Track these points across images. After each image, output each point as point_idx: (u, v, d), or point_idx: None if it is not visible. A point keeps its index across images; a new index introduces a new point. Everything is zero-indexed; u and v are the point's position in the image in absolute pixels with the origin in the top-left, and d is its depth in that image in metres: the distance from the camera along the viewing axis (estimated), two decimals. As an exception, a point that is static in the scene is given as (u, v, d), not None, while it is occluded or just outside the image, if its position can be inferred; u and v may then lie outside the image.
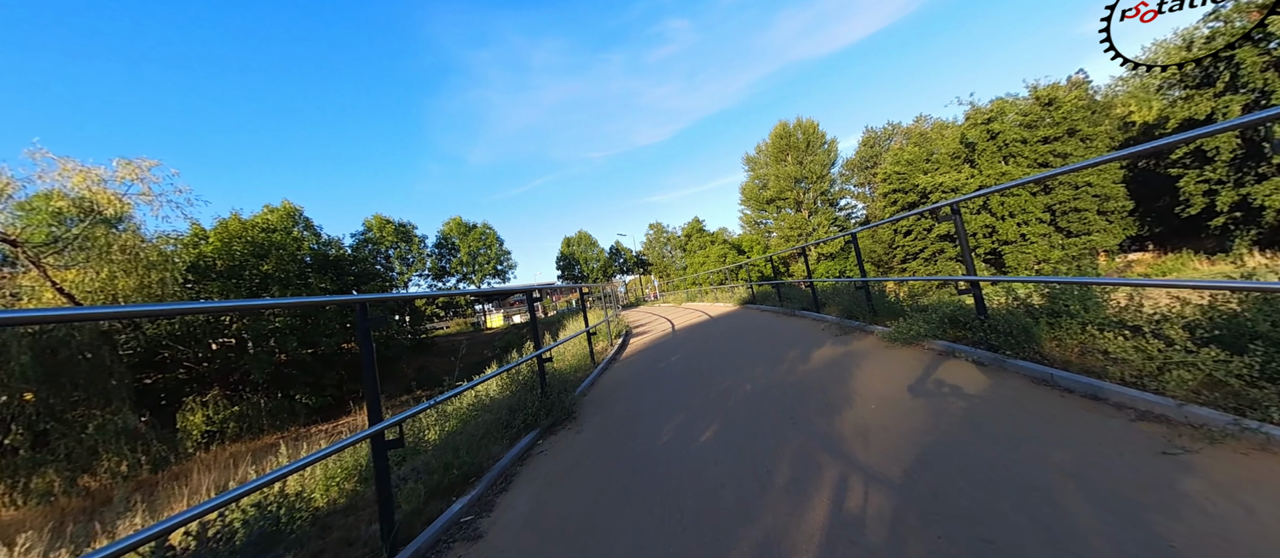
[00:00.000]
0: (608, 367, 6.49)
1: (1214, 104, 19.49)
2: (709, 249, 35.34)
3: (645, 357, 6.80)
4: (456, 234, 33.76)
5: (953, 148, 31.80)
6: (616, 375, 5.81)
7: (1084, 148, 26.57)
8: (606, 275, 46.49)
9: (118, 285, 15.41)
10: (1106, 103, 30.36)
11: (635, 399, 4.34)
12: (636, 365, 6.22)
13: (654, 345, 7.84)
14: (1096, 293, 3.21)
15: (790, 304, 8.73)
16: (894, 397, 3.12)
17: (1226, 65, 19.22)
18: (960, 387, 3.07)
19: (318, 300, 2.42)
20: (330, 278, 20.40)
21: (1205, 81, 20.98)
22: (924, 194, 31.50)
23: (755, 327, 7.61)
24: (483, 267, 33.90)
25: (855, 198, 43.38)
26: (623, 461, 2.94)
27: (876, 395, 3.20)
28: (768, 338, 6.26)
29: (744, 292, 12.98)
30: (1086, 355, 2.92)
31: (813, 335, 5.81)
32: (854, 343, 4.94)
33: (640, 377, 5.41)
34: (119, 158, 16.10)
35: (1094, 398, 2.51)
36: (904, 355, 4.03)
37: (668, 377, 5.10)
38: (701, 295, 18.14)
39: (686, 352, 6.47)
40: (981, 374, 3.20)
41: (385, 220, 28.60)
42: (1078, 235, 26.43)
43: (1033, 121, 27.83)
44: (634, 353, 7.52)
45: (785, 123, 40.15)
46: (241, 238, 20.02)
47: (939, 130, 39.07)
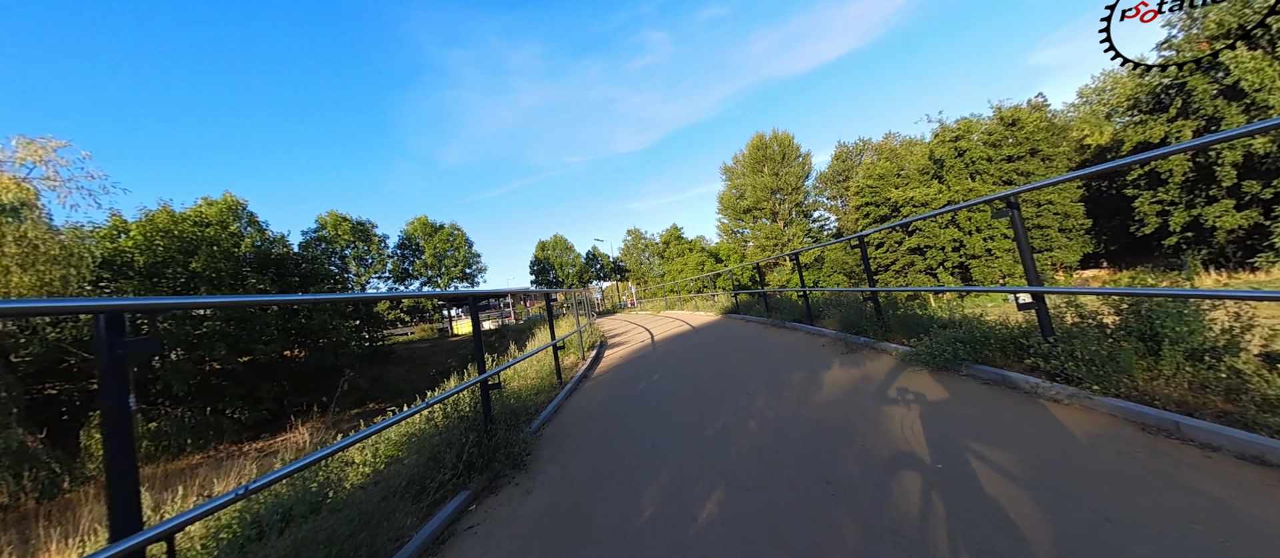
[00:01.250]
0: (577, 387, 5.52)
1: (1167, 128, 20.41)
2: (687, 257, 34.80)
3: (621, 375, 5.87)
4: (421, 234, 31.81)
5: (922, 164, 32.56)
6: (586, 400, 4.85)
7: (1045, 167, 27.57)
8: (582, 281, 45.28)
9: (10, 283, 13.27)
10: (1064, 126, 31.79)
11: (607, 441, 3.39)
12: (610, 387, 5.28)
13: (631, 360, 6.92)
14: (1173, 309, 2.53)
15: (779, 315, 8.00)
16: (956, 450, 2.32)
17: (1179, 92, 20.19)
18: (1055, 436, 2.30)
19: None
20: (270, 278, 18.45)
21: (1158, 108, 22.04)
22: (896, 208, 32.01)
23: (743, 340, 6.81)
24: (449, 269, 32.05)
25: (828, 210, 44.02)
26: (587, 554, 2.00)
27: (936, 447, 2.39)
28: (761, 354, 5.45)
29: (726, 300, 12.25)
30: (1200, 393, 2.21)
31: (813, 353, 5.04)
32: (867, 364, 4.17)
33: (614, 404, 4.47)
34: (19, 136, 14.01)
35: (1260, 463, 1.77)
36: (942, 386, 3.26)
37: (648, 406, 4.18)
38: (680, 303, 17.35)
39: (669, 369, 5.58)
40: (1075, 418, 2.44)
41: (341, 218, 26.53)
42: (1041, 251, 27.29)
43: (997, 140, 28.73)
44: (608, 369, 6.57)
45: (762, 134, 40.42)
46: (168, 232, 17.88)
47: (908, 147, 40.18)
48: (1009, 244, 28.40)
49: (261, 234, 23.53)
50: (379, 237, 28.43)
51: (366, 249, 27.79)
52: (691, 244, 40.88)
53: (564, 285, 42.09)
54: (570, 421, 4.14)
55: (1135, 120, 23.44)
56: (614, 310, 30.85)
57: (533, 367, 6.49)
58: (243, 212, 24.10)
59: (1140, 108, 23.38)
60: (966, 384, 3.18)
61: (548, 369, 5.77)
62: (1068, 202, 26.71)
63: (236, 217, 24.13)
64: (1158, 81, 21.78)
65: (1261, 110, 17.04)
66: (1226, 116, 18.22)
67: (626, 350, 8.08)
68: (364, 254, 27.74)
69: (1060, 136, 29.85)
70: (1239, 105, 18.01)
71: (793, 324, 7.19)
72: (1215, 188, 19.20)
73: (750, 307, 10.27)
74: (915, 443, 2.46)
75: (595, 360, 7.45)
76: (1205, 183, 19.74)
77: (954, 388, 3.16)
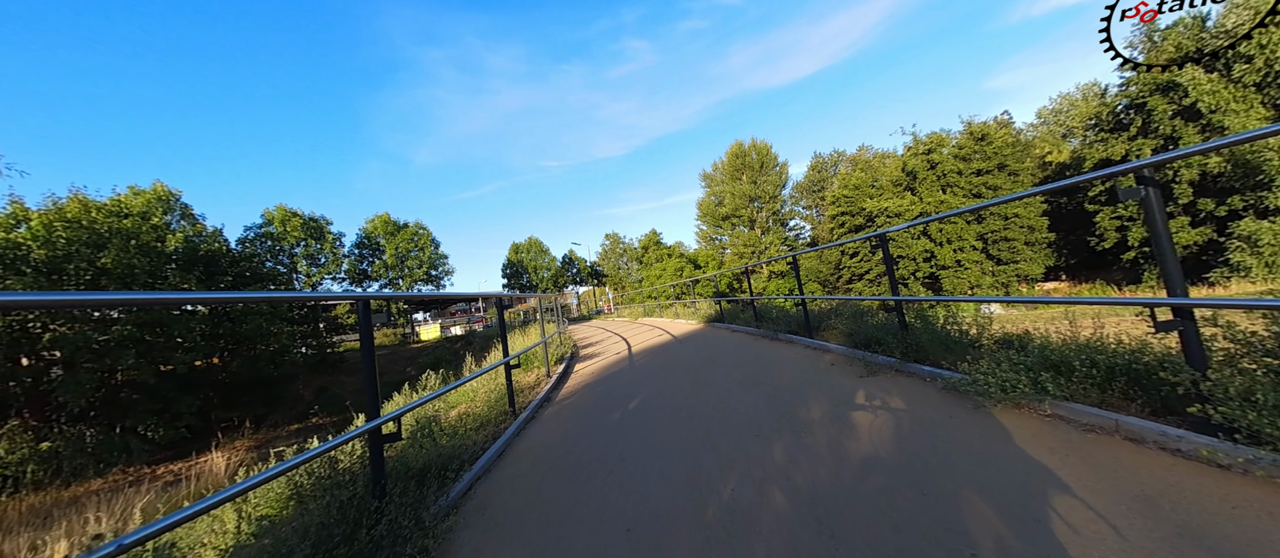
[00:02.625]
0: (534, 416, 4.43)
1: (1128, 146, 21.11)
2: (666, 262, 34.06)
3: (591, 401, 4.81)
4: (382, 233, 29.64)
5: (895, 175, 33.03)
6: (542, 440, 3.77)
7: (1012, 182, 28.32)
8: (557, 286, 43.82)
9: None
10: (1028, 143, 32.92)
11: (561, 517, 2.34)
12: (576, 419, 4.22)
13: (605, 379, 5.87)
14: None
15: (770, 325, 7.14)
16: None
17: (1139, 112, 20.94)
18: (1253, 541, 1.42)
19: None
20: (196, 277, 16.33)
21: (1118, 127, 22.86)
22: (870, 217, 32.31)
23: (735, 355, 5.89)
24: (412, 271, 29.96)
25: (804, 219, 44.34)
26: None
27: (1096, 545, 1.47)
28: (761, 375, 4.52)
29: (708, 307, 11.37)
30: None
31: (825, 375, 4.15)
32: (903, 394, 3.29)
33: (579, 448, 3.42)
34: None
35: None
36: (1035, 434, 2.39)
37: (623, 451, 3.15)
38: (659, 310, 16.41)
39: (650, 394, 4.57)
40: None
41: (291, 213, 24.22)
42: (1007, 263, 27.93)
43: (967, 155, 29.36)
44: (577, 391, 5.50)
45: (741, 142, 40.40)
46: (77, 223, 15.58)
47: (881, 159, 40.94)
48: (977, 256, 28.99)
49: (195, 228, 21.16)
50: (334, 234, 26.21)
51: (319, 248, 25.51)
52: (670, 250, 40.32)
53: (538, 290, 40.57)
54: (515, 475, 3.05)
55: (1097, 138, 24.30)
56: (589, 317, 29.64)
57: (485, 386, 5.35)
58: (175, 204, 21.69)
59: (1101, 126, 24.26)
60: (1069, 434, 2.31)
61: (499, 394, 4.65)
62: (1033, 215, 27.48)
63: (167, 209, 21.69)
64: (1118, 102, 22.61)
65: (1217, 130, 17.74)
66: (1184, 136, 18.92)
67: (600, 365, 7.02)
68: (316, 253, 25.46)
69: (1025, 153, 30.86)
70: (1196, 125, 18.74)
71: (788, 337, 6.33)
72: (1172, 204, 19.90)
73: (735, 315, 9.41)
74: (1037, 524, 1.55)
75: (562, 378, 6.36)
76: (1163, 200, 20.46)
77: (1056, 439, 2.29)
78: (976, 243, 28.72)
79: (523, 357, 6.97)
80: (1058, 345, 2.73)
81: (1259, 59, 16.46)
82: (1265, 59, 16.31)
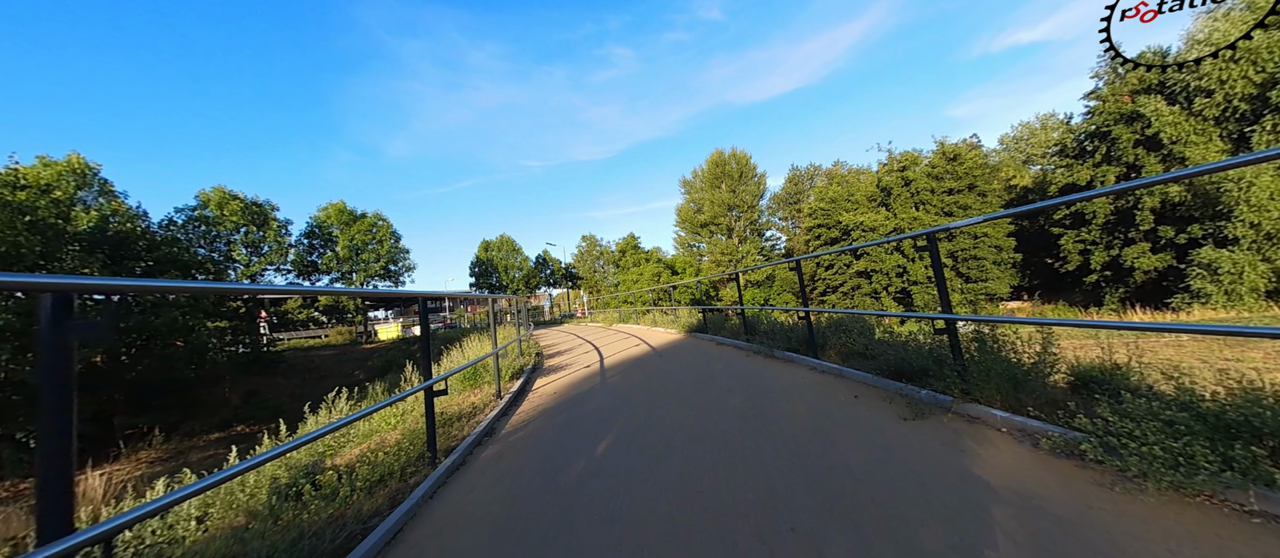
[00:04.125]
0: (461, 465, 3.26)
1: (1093, 172, 21.73)
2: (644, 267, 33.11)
3: (547, 438, 3.69)
4: (336, 223, 27.25)
5: (870, 191, 33.39)
6: (462, 512, 2.63)
7: (981, 202, 28.98)
8: (529, 287, 42.08)
9: None
10: (996, 166, 33.97)
11: None
12: (521, 472, 3.08)
13: (569, 404, 4.76)
14: None
15: (764, 339, 6.19)
16: None
17: (1103, 140, 21.60)
18: None
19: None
20: (100, 261, 14.05)
21: (1082, 154, 23.60)
22: (846, 231, 32.45)
23: (728, 375, 4.91)
24: (368, 265, 27.67)
25: (779, 231, 44.47)
26: None
27: None
28: (767, 408, 3.53)
29: (689, 315, 10.40)
30: None
31: (850, 412, 3.20)
32: (981, 453, 2.36)
33: (520, 533, 2.31)
34: None
35: None
36: (1230, 545, 1.47)
37: (586, 544, 2.08)
38: (636, 316, 15.34)
39: (626, 430, 3.50)
40: None
41: (230, 195, 21.69)
42: (976, 281, 28.46)
43: (940, 174, 29.89)
44: (530, 420, 4.36)
45: (721, 151, 40.22)
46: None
47: (856, 175, 41.58)
48: (948, 273, 29.45)
49: (115, 206, 18.56)
50: (280, 221, 23.76)
51: (262, 236, 23.05)
52: (648, 255, 39.51)
53: (508, 291, 38.77)
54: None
55: (1062, 164, 25.05)
56: (561, 321, 28.22)
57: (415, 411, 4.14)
58: (93, 179, 19.05)
59: (1067, 153, 25.04)
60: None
61: (417, 436, 3.44)
62: (1000, 235, 28.16)
63: (82, 184, 19.04)
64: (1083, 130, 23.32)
65: (1177, 160, 18.36)
66: (1146, 165, 19.54)
67: (565, 382, 5.89)
68: (258, 241, 22.97)
69: (993, 175, 31.76)
70: (1157, 155, 19.38)
71: (786, 354, 5.41)
72: (1134, 231, 20.53)
73: (719, 325, 8.47)
74: None
75: (517, 398, 5.19)
76: (1125, 226, 21.11)
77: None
78: (947, 260, 29.16)
79: (473, 369, 5.75)
80: (1242, 399, 1.84)
81: (1218, 94, 17.10)
82: (1224, 94, 16.94)
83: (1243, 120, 16.99)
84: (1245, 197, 16.06)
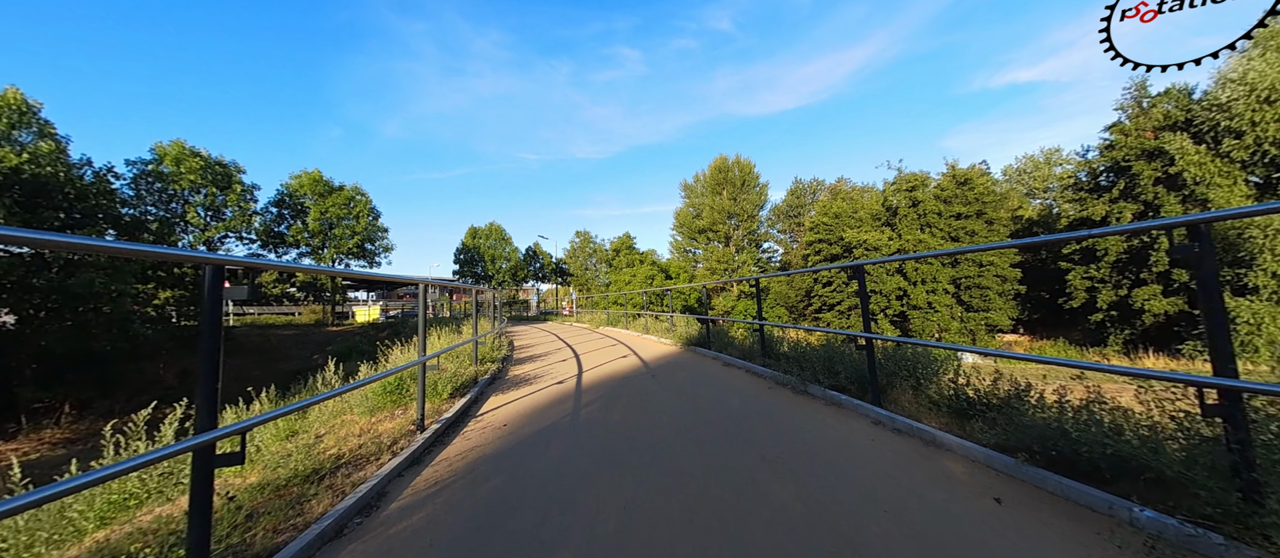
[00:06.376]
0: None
1: (1109, 208, 21.04)
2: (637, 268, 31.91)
3: (467, 531, 2.48)
4: (310, 193, 25.55)
5: (875, 209, 32.60)
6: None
7: (989, 229, 28.29)
8: (517, 280, 40.62)
9: None
10: (1002, 195, 33.39)
11: None
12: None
13: (517, 452, 3.52)
14: None
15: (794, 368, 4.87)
16: None
17: (1122, 175, 20.93)
18: None
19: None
20: (13, 209, 12.22)
21: (1097, 188, 22.94)
22: (848, 248, 31.59)
23: (754, 428, 3.74)
24: (340, 241, 25.98)
25: (777, 243, 43.64)
26: None
27: None
28: (846, 521, 2.37)
29: (688, 326, 9.22)
30: None
31: (1001, 538, 2.05)
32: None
33: None
34: None
35: None
36: None
37: None
38: (626, 320, 14.14)
39: (589, 536, 2.31)
40: None
41: (189, 151, 19.85)
42: (978, 310, 27.70)
43: (948, 197, 29.17)
44: (444, 486, 3.11)
45: (725, 157, 39.32)
46: None
47: (860, 193, 40.87)
48: (949, 300, 28.68)
49: (38, 147, 16.73)
50: (245, 185, 22.01)
51: (223, 199, 21.29)
52: (643, 256, 38.37)
53: (494, 283, 37.28)
54: None
55: (1073, 198, 24.40)
56: (546, 317, 26.88)
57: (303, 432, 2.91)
58: (31, 118, 17.31)
59: (1080, 187, 24.39)
60: None
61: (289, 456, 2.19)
62: (1005, 266, 27.47)
63: (19, 122, 17.28)
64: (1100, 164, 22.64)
65: (1200, 203, 17.68)
66: (1166, 204, 18.85)
67: (526, 406, 4.67)
68: (220, 205, 21.22)
69: (1001, 203, 31.14)
70: (1177, 195, 18.71)
71: (827, 393, 4.23)
72: (1145, 271, 19.83)
73: (725, 340, 7.31)
74: None
75: (441, 438, 3.85)
76: (1136, 265, 20.41)
77: None
78: (949, 286, 28.40)
79: (396, 379, 4.50)
80: None
81: (1249, 136, 16.43)
82: (1255, 136, 16.27)
83: (1271, 165, 16.34)
84: (1271, 245, 15.37)
